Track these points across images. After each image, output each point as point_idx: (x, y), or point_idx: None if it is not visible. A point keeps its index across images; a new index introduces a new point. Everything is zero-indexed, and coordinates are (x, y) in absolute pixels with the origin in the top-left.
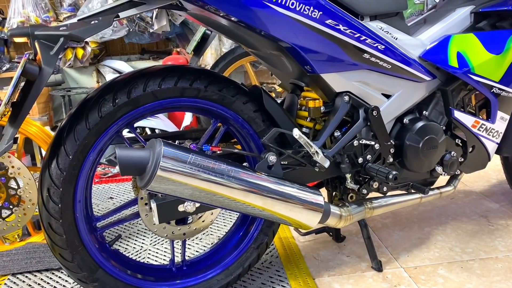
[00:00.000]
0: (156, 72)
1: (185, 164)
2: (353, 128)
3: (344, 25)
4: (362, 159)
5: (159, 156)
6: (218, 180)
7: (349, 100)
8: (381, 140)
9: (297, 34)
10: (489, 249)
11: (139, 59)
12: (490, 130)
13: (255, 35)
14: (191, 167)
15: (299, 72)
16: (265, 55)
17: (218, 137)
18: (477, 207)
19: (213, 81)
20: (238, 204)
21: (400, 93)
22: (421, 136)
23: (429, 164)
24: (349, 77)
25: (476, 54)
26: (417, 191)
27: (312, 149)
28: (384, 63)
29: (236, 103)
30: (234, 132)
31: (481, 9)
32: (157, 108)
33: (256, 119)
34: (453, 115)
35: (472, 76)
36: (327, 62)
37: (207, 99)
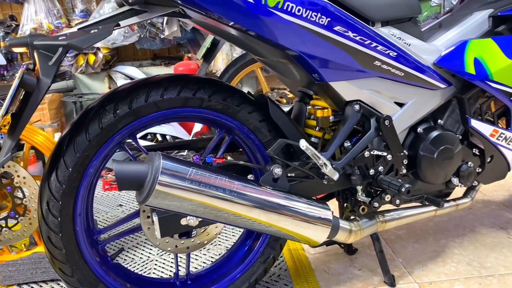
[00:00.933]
0: (158, 82)
1: (185, 179)
2: (364, 138)
3: (353, 32)
4: (374, 171)
5: (157, 170)
6: (220, 195)
7: (359, 109)
8: (394, 151)
9: (304, 41)
10: (510, 264)
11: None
12: (510, 139)
13: (261, 43)
14: (192, 182)
15: (307, 80)
16: (272, 62)
17: (223, 148)
18: (497, 218)
19: (217, 91)
20: (242, 219)
21: (413, 101)
22: (436, 146)
23: (445, 175)
24: (360, 85)
25: (495, 60)
26: (432, 203)
27: (320, 161)
28: (396, 70)
29: (241, 113)
30: (240, 142)
31: (500, 13)
32: (160, 118)
33: (262, 129)
34: (470, 124)
35: (490, 83)
36: (336, 70)
37: (211, 109)
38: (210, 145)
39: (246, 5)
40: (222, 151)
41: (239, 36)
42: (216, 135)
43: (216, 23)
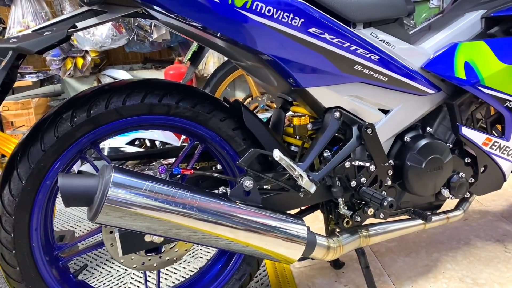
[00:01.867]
0: (121, 87)
1: (139, 194)
2: (344, 147)
3: (330, 34)
4: (356, 182)
5: (107, 185)
6: (179, 211)
7: (340, 116)
8: (377, 161)
9: (276, 44)
10: (504, 280)
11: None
12: (504, 148)
13: (232, 46)
14: (147, 197)
15: (284, 86)
16: (249, 67)
17: (195, 158)
18: (493, 230)
19: (186, 97)
20: (206, 237)
21: (399, 108)
22: (424, 155)
23: (434, 186)
24: (340, 91)
25: (487, 64)
26: (419, 217)
27: (296, 173)
28: (379, 75)
29: (213, 120)
30: (213, 151)
31: (493, 14)
32: (122, 127)
33: (235, 138)
34: (461, 132)
35: (482, 89)
36: (313, 75)
37: (180, 116)
38: (181, 155)
39: (211, 5)
40: (194, 161)
41: (210, 39)
42: (187, 144)
43: (184, 25)
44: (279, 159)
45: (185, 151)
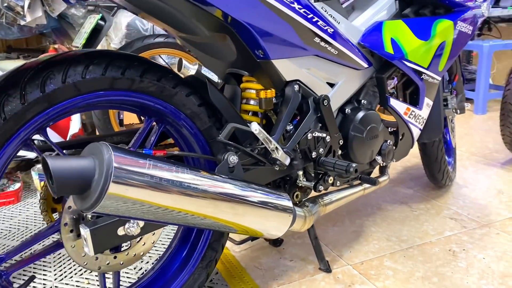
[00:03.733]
0: (76, 59)
1: (143, 173)
2: (306, 120)
3: (298, 4)
4: (316, 153)
5: (109, 165)
6: (185, 190)
7: (299, 89)
8: (332, 132)
9: (253, 12)
10: (422, 234)
11: (5, 58)
12: (417, 117)
13: (199, 16)
14: (151, 177)
15: (244, 59)
16: (201, 40)
17: (154, 139)
18: (395, 194)
19: (149, 69)
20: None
21: (343, 82)
22: (364, 125)
23: (371, 154)
24: (299, 64)
25: (408, 41)
26: (367, 182)
27: (272, 145)
28: (332, 48)
29: (178, 96)
30: (171, 132)
31: None
32: (79, 104)
33: (201, 115)
34: (389, 103)
35: (406, 63)
36: (281, 46)
37: (143, 92)
38: (138, 136)
39: None
40: (152, 143)
41: (170, 7)
42: (144, 124)
43: None
44: (257, 132)
45: (143, 133)
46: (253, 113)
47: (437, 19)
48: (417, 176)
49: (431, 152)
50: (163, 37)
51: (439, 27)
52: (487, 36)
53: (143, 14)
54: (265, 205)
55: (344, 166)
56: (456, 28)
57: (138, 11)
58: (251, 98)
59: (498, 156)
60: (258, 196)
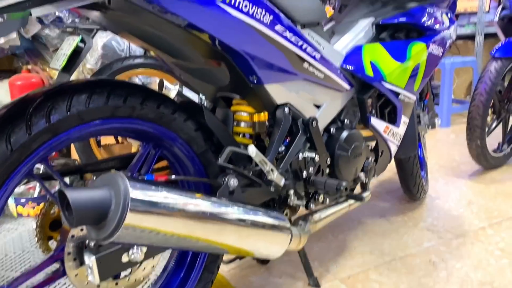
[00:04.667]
0: (79, 88)
1: (159, 201)
2: (296, 141)
3: (290, 32)
4: (306, 173)
5: (126, 195)
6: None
7: (289, 111)
8: (320, 152)
9: (249, 40)
10: (402, 246)
11: None
12: (395, 134)
13: (194, 42)
14: (166, 205)
15: (236, 84)
16: (193, 66)
17: (151, 164)
18: (373, 208)
19: (149, 97)
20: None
21: (328, 103)
22: (349, 144)
23: (356, 171)
24: (290, 88)
25: (386, 63)
26: (355, 199)
27: (268, 167)
28: (319, 72)
29: (176, 122)
30: (168, 156)
31: (382, 21)
32: (83, 133)
33: (197, 139)
34: (370, 122)
35: (385, 84)
36: (273, 72)
37: (143, 119)
38: (136, 161)
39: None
40: (149, 167)
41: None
42: (141, 150)
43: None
44: (255, 155)
45: (141, 158)
46: (243, 135)
47: (412, 42)
48: (392, 190)
49: (407, 167)
50: (143, 58)
51: (413, 50)
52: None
53: (124, 34)
54: (266, 226)
55: (335, 184)
56: (429, 50)
57: (122, 33)
58: (242, 120)
59: (465, 168)
60: (259, 218)
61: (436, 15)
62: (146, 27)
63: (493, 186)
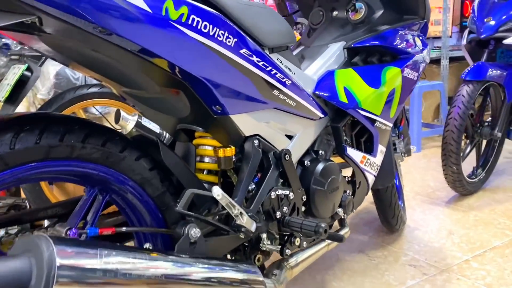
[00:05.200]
0: (5, 125)
1: (95, 269)
2: (268, 177)
3: (257, 56)
4: (280, 213)
5: (51, 265)
6: (145, 280)
7: (259, 144)
8: (295, 188)
9: (210, 65)
10: (384, 285)
11: None
12: (372, 164)
13: (147, 68)
14: (105, 272)
15: (198, 114)
16: (148, 95)
17: (96, 212)
18: (351, 242)
19: (92, 133)
20: None
21: (301, 133)
22: (325, 178)
23: (333, 207)
24: (259, 118)
25: (360, 89)
26: (335, 240)
27: (236, 211)
28: (290, 100)
29: (126, 161)
30: (117, 201)
31: (354, 45)
32: (7, 181)
33: (152, 180)
34: (346, 152)
35: (360, 111)
36: (240, 101)
37: (85, 159)
38: (79, 210)
39: (141, 16)
40: (94, 217)
41: (114, 61)
42: (85, 196)
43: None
44: (220, 198)
45: (85, 205)
46: (208, 171)
47: (385, 67)
48: (369, 221)
49: (385, 198)
50: (98, 86)
51: (388, 75)
52: None
53: (74, 65)
54: (236, 283)
55: (313, 226)
56: (404, 75)
57: (69, 62)
58: (206, 155)
59: (440, 194)
60: (227, 274)
61: (408, 38)
62: (92, 54)
63: (471, 213)
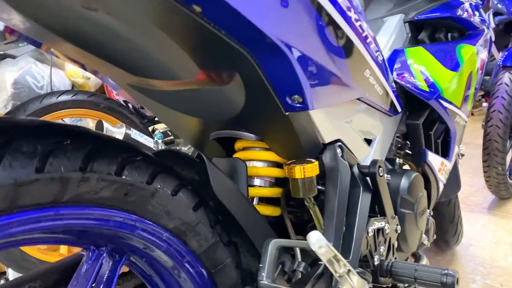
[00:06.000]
0: None
1: None
2: (360, 205)
3: (356, 12)
4: (378, 257)
5: None
6: None
7: (342, 155)
8: (389, 216)
9: (297, 22)
10: None
11: None
12: (446, 172)
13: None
14: None
15: (252, 113)
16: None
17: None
18: None
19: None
20: None
21: (381, 135)
22: (414, 196)
23: (421, 235)
24: (341, 115)
25: (439, 73)
26: None
27: (341, 268)
28: (379, 86)
29: (157, 198)
30: (138, 265)
31: (416, 17)
32: None
33: (198, 227)
34: (427, 158)
35: (443, 102)
36: (327, 88)
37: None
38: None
39: None
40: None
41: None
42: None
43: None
44: (324, 251)
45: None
46: (259, 200)
47: (459, 44)
48: None
49: (447, 212)
50: (71, 94)
51: (464, 54)
52: None
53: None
54: None
55: (438, 274)
56: (478, 55)
57: (51, 40)
58: (265, 176)
59: (476, 200)
60: None
61: (474, 9)
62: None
63: None
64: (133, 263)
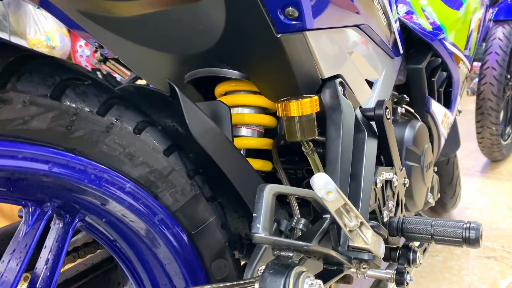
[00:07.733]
0: None
1: None
2: (366, 152)
3: None
4: (387, 213)
5: None
6: None
7: (344, 93)
8: (397, 166)
9: None
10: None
11: None
12: (448, 125)
13: None
14: None
15: (235, 43)
16: (132, 9)
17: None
18: None
19: (35, 68)
20: None
21: (382, 77)
22: (420, 147)
23: (427, 192)
24: (341, 43)
25: (441, 11)
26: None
27: (353, 221)
28: (384, 16)
29: (111, 138)
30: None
31: None
32: None
33: (172, 177)
34: (430, 107)
35: (447, 44)
36: (325, 2)
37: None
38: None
39: None
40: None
41: None
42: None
43: None
44: (332, 197)
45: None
46: (247, 152)
47: None
48: None
49: (445, 172)
50: None
51: None
52: None
53: None
54: None
55: (459, 229)
56: None
57: None
58: (245, 124)
59: (468, 163)
60: None
61: None
62: None
63: None
64: (90, 226)
